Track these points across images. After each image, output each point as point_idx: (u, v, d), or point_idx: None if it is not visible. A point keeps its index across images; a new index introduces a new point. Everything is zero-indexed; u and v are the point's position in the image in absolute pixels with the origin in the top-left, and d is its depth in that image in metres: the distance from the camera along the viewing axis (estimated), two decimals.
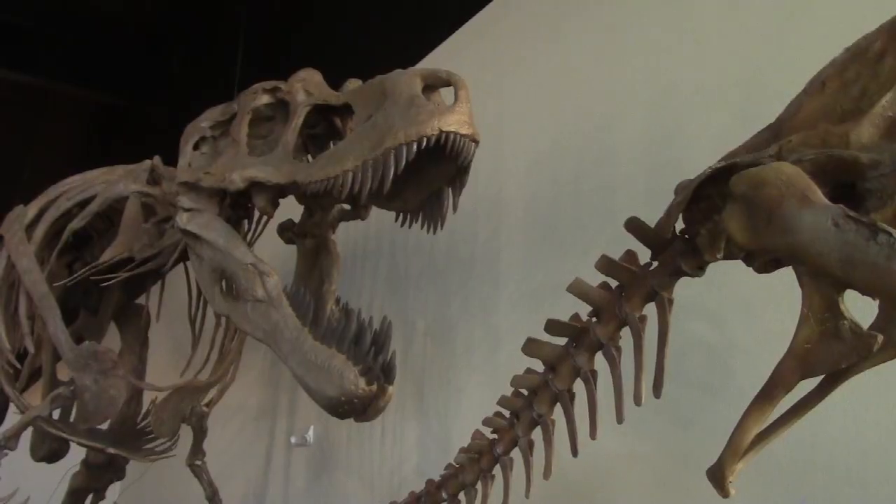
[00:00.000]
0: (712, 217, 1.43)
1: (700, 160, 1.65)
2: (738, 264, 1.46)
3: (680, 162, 2.65)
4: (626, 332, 1.66)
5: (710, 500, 1.58)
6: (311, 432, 4.45)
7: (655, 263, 1.60)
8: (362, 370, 1.97)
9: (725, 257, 1.46)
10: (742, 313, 2.36)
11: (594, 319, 1.72)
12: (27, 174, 8.01)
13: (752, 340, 2.31)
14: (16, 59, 6.18)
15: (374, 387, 1.98)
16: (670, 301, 1.58)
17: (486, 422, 2.04)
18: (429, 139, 1.86)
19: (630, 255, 1.66)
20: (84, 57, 6.32)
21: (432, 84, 2.00)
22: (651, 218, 1.57)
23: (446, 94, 2.01)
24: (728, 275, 1.85)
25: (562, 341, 1.79)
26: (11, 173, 8.60)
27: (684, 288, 1.62)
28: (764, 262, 1.40)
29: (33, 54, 6.19)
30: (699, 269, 1.53)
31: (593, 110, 3.11)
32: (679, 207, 1.45)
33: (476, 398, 3.31)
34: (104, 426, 3.60)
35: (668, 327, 1.56)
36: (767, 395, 1.35)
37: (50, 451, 3.79)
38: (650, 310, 1.61)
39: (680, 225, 1.52)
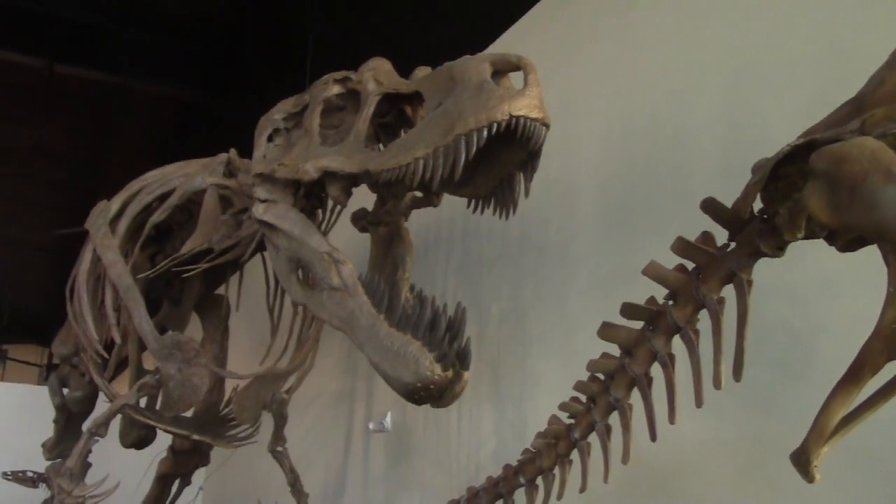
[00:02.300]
0: (792, 196, 1.39)
1: (778, 138, 1.61)
2: (820, 243, 1.42)
3: (757, 140, 2.59)
4: (703, 315, 1.64)
5: (794, 486, 1.55)
6: (388, 418, 4.49)
7: (733, 244, 1.57)
8: (438, 356, 1.98)
9: (806, 236, 1.42)
10: (824, 294, 2.30)
11: (671, 302, 1.70)
12: (110, 169, 8.27)
13: (835, 321, 2.25)
14: (98, 59, 6.37)
15: (450, 373, 1.98)
16: (749, 282, 1.55)
17: (562, 406, 2.03)
18: (499, 124, 1.85)
19: (707, 237, 1.63)
20: (161, 55, 6.48)
21: (501, 69, 1.99)
22: (727, 199, 1.54)
23: (516, 78, 2.00)
24: (809, 254, 1.80)
25: (638, 325, 1.78)
26: (95, 169, 8.88)
27: (763, 269, 1.58)
28: (847, 240, 1.36)
29: (114, 54, 6.37)
30: (779, 250, 1.50)
31: (666, 90, 3.06)
32: (757, 187, 1.42)
33: (551, 383, 3.30)
34: (189, 413, 3.70)
35: (747, 309, 1.53)
36: (853, 377, 1.31)
37: (138, 437, 3.92)
38: (728, 292, 1.58)
39: (758, 205, 1.49)
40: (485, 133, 1.85)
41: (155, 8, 6.05)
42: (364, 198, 2.56)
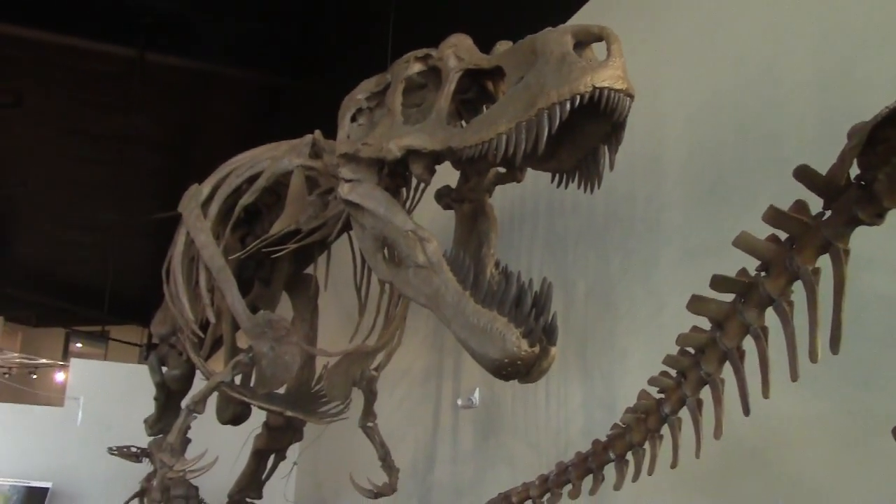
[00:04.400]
0: (891, 160, 1.34)
1: (875, 101, 1.55)
2: None
3: (852, 104, 2.49)
4: (797, 287, 1.59)
5: None
6: (476, 394, 4.52)
7: (829, 213, 1.52)
8: (524, 332, 1.98)
9: None
10: None
11: (763, 274, 1.66)
12: (200, 153, 8.50)
13: None
14: (186, 47, 6.55)
15: (537, 348, 1.98)
16: (846, 252, 1.50)
17: (652, 381, 2.01)
18: (582, 97, 1.83)
19: (800, 205, 1.58)
20: (246, 41, 6.61)
21: (583, 40, 1.96)
22: (822, 166, 1.49)
23: (598, 49, 1.97)
24: None
25: (729, 298, 1.74)
26: (186, 154, 9.14)
27: (861, 238, 1.53)
28: None
29: (202, 42, 6.54)
30: (878, 217, 1.44)
31: (755, 55, 2.97)
32: (853, 152, 1.37)
33: (639, 358, 3.26)
34: (281, 390, 3.80)
35: (844, 280, 1.48)
36: None
37: (234, 414, 4.04)
38: (824, 262, 1.53)
39: (855, 171, 1.43)
40: (567, 106, 1.84)
41: None
42: (448, 175, 2.57)
